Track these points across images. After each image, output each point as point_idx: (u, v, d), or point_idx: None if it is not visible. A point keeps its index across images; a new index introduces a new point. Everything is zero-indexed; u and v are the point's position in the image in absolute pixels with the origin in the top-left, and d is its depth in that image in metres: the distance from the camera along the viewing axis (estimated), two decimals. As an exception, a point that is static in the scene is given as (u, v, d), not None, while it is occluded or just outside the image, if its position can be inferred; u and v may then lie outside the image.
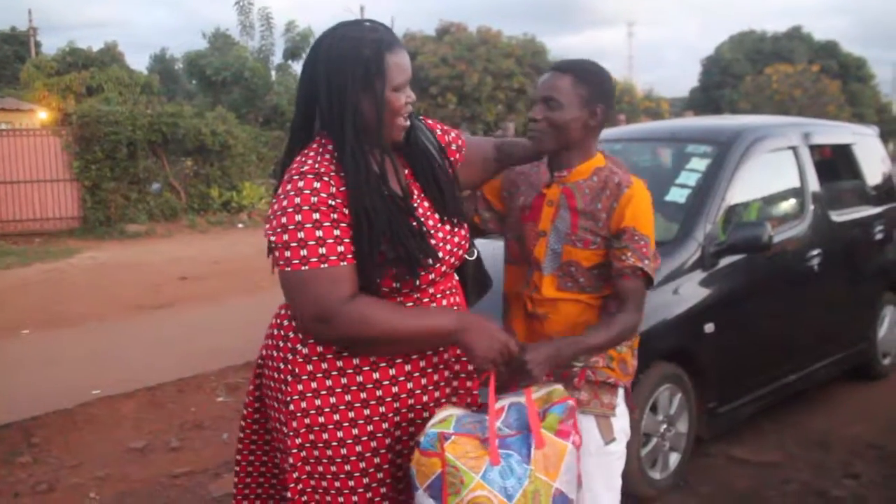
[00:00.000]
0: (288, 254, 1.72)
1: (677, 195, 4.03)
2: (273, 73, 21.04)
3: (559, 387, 1.96)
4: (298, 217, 1.70)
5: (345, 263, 1.73)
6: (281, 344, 1.89)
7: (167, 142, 15.54)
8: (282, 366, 1.87)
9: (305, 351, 1.83)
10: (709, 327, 3.77)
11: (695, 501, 3.77)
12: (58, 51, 22.55)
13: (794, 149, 4.69)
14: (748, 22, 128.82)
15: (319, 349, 1.82)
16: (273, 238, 1.74)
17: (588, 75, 2.16)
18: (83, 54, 21.99)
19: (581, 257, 2.17)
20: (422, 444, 1.77)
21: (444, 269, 1.90)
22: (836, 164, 5.49)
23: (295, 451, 1.83)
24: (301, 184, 1.73)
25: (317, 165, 1.76)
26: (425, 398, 1.91)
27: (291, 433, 1.83)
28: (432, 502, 1.74)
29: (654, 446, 3.67)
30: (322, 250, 1.71)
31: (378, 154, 1.82)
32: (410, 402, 1.88)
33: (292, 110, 1.96)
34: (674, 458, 3.79)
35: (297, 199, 1.72)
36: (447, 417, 1.83)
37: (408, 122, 1.87)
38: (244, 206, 16.44)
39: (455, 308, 1.96)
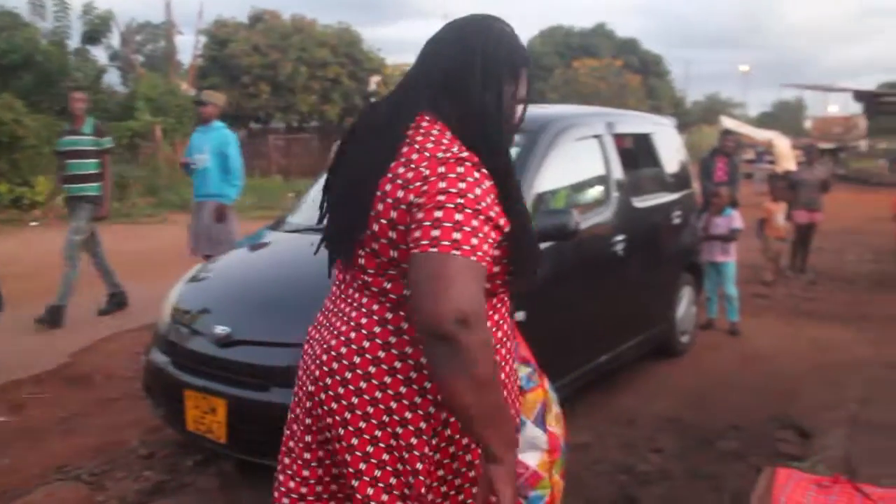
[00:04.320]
0: (457, 235, 1.52)
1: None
2: (71, 57, 19.53)
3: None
4: (460, 200, 1.56)
5: (485, 266, 1.56)
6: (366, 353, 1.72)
7: (-55, 132, 14.05)
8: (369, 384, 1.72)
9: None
10: (519, 315, 3.78)
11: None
12: None
13: (598, 137, 4.82)
14: (557, 17, 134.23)
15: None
16: (432, 214, 1.55)
17: None
18: None
19: None
20: (524, 385, 2.18)
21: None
22: (637, 152, 5.73)
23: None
24: (461, 169, 1.60)
25: (465, 154, 1.64)
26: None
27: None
28: (537, 429, 2.23)
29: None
30: (475, 241, 1.54)
31: None
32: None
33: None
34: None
35: (462, 185, 1.58)
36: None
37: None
38: (37, 203, 15.13)
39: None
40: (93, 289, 7.43)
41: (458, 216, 1.54)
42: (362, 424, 1.71)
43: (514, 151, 4.14)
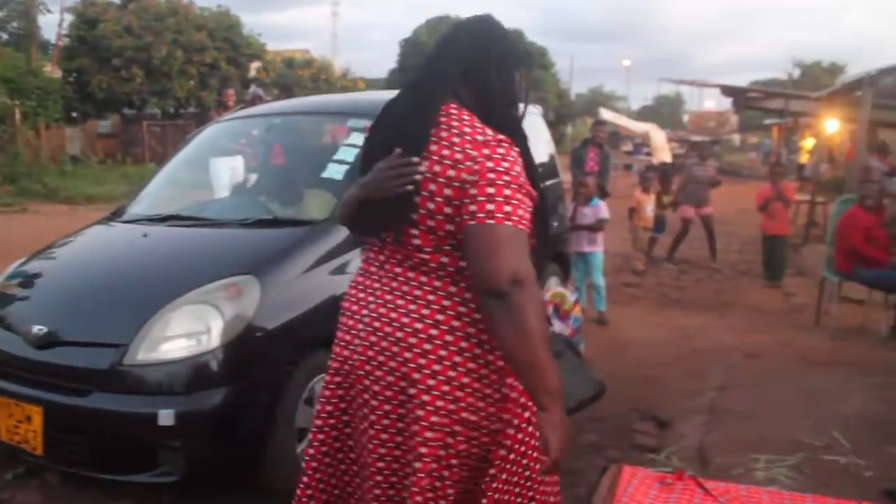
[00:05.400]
0: (507, 208, 1.80)
1: (335, 171, 3.80)
2: None
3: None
4: (507, 178, 1.83)
5: (528, 231, 1.85)
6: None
7: None
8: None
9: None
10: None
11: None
12: None
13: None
14: (444, 7, 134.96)
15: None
16: (485, 190, 1.82)
17: None
18: None
19: None
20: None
21: None
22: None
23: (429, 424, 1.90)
24: (501, 150, 1.87)
25: (501, 136, 1.91)
26: None
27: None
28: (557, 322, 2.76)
29: (312, 441, 3.41)
30: (520, 212, 1.82)
31: None
32: None
33: None
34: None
35: (505, 164, 1.85)
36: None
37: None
38: None
39: None
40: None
41: (507, 191, 1.82)
42: (431, 382, 1.90)
43: (364, 139, 3.98)
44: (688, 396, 4.91)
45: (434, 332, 1.91)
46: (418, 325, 1.91)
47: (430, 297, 1.93)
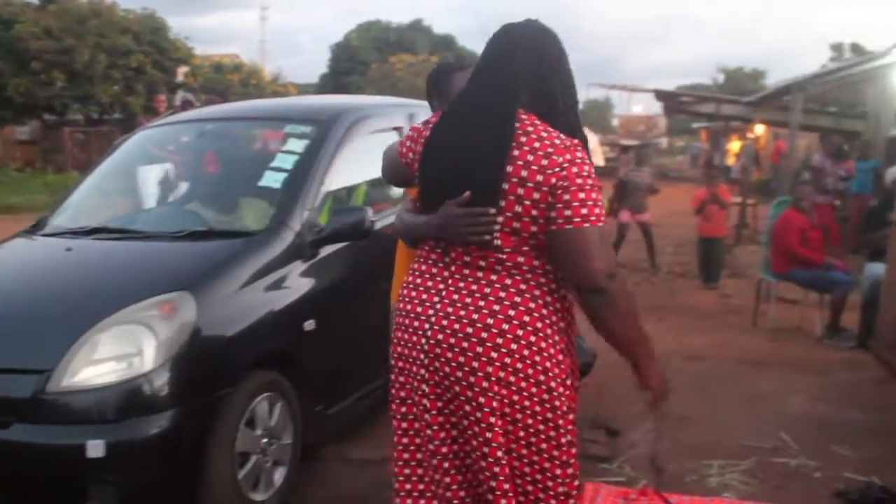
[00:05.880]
0: (597, 210, 1.94)
1: (272, 180, 3.64)
2: None
3: None
4: (591, 181, 1.96)
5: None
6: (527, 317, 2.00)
7: None
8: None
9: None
10: (309, 324, 3.44)
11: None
12: None
13: (398, 130, 4.54)
14: (375, 12, 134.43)
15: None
16: (577, 195, 1.93)
17: None
18: None
19: None
20: None
21: None
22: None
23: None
24: (579, 154, 1.98)
25: (575, 140, 2.01)
26: None
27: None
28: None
29: (254, 465, 3.22)
30: (599, 211, 1.95)
31: None
32: None
33: None
34: (279, 474, 3.38)
35: (587, 168, 1.97)
36: None
37: None
38: None
39: None
40: None
41: (593, 194, 1.95)
42: (512, 378, 1.99)
43: (303, 145, 3.83)
44: (634, 402, 4.84)
45: (520, 332, 1.99)
46: (504, 326, 1.99)
47: (515, 299, 2.00)
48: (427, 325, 2.04)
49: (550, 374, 1.98)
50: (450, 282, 2.05)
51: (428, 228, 2.09)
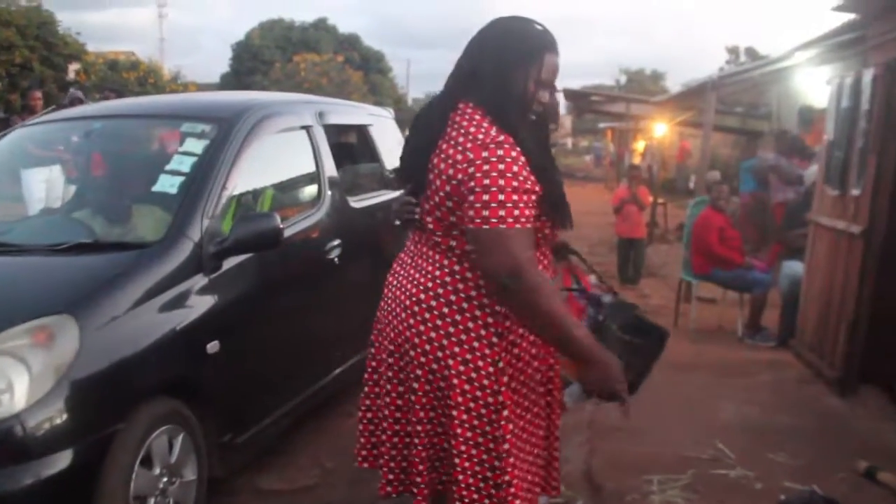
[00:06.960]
0: (501, 212, 1.96)
1: (168, 184, 3.26)
2: None
3: None
4: (501, 182, 1.97)
5: (530, 226, 2.02)
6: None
7: None
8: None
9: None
10: (213, 346, 3.06)
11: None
12: None
13: (307, 129, 4.20)
14: (277, 10, 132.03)
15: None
16: (481, 197, 1.97)
17: None
18: None
19: None
20: None
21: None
22: (353, 146, 5.19)
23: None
24: (500, 152, 2.00)
25: (501, 137, 2.03)
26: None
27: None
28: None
29: (152, 509, 2.83)
30: (516, 213, 1.97)
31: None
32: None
33: None
34: (183, 514, 3.00)
35: (501, 166, 1.98)
36: None
37: (532, 117, 2.17)
38: None
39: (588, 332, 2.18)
40: None
41: (501, 196, 1.96)
42: (440, 354, 2.15)
43: (202, 145, 3.45)
44: (562, 413, 4.65)
45: (433, 303, 2.16)
46: (421, 296, 2.18)
47: (437, 273, 2.17)
48: (390, 296, 2.31)
49: (448, 350, 2.13)
50: (414, 258, 2.28)
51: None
